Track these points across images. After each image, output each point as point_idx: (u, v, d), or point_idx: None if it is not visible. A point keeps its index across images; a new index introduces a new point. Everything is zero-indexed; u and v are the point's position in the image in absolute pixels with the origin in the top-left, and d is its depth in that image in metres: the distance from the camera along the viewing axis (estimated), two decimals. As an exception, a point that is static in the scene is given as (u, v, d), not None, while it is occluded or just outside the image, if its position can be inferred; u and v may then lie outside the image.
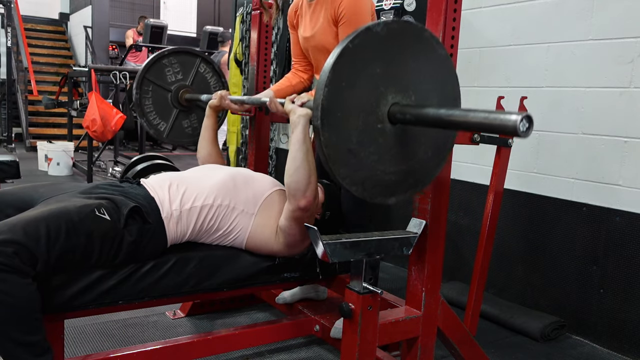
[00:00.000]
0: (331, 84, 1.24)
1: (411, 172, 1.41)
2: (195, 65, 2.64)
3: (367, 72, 1.29)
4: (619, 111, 2.34)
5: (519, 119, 1.07)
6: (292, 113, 1.72)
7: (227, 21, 11.87)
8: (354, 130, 1.29)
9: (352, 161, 1.30)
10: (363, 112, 1.29)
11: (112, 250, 1.57)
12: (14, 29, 8.45)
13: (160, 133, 2.60)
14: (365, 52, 1.28)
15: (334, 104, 1.24)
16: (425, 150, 1.43)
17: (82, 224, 1.50)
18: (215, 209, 1.77)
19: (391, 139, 1.34)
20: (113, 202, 1.62)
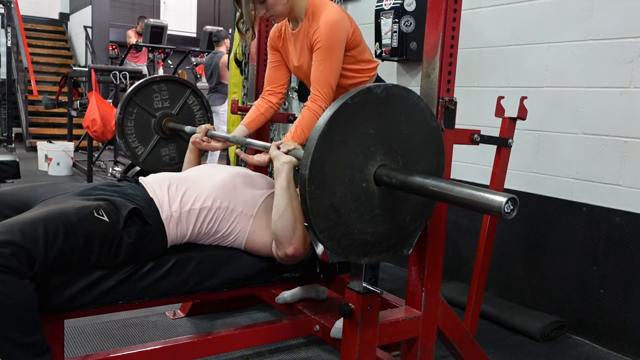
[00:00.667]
0: (325, 137, 1.24)
1: (387, 236, 1.42)
2: (185, 96, 2.63)
3: (361, 131, 1.31)
4: (619, 111, 2.34)
5: (504, 201, 1.07)
6: (276, 160, 1.70)
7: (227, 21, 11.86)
8: (340, 185, 1.29)
9: (333, 216, 1.30)
10: (351, 169, 1.31)
11: (111, 252, 1.56)
12: (14, 29, 8.45)
13: (137, 157, 2.56)
14: (363, 110, 1.30)
15: (324, 157, 1.25)
16: (404, 216, 1.44)
17: (81, 225, 1.50)
18: (214, 211, 1.77)
19: (374, 200, 1.36)
20: (112, 203, 1.61)
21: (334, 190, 1.29)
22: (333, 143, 1.26)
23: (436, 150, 1.47)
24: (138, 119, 2.54)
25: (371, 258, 1.41)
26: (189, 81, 2.74)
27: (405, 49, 3.10)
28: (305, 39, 2.07)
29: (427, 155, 1.46)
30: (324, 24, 1.97)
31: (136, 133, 2.55)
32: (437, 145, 1.47)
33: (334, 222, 1.30)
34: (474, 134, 1.77)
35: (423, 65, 1.66)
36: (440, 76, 1.61)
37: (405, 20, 3.08)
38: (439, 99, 1.62)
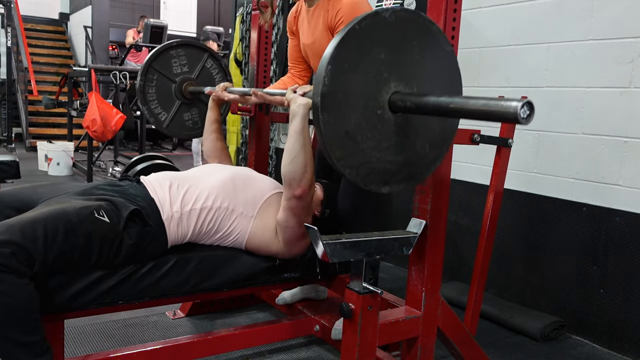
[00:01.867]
0: (334, 63, 1.22)
1: (407, 164, 1.40)
2: (203, 60, 2.64)
3: (371, 56, 1.27)
4: (619, 111, 2.34)
5: (519, 105, 1.05)
6: (292, 102, 1.69)
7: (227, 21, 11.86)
8: (354, 113, 1.27)
9: (349, 144, 1.28)
10: (364, 96, 1.28)
11: (111, 252, 1.56)
12: (14, 29, 8.45)
13: (161, 123, 2.58)
14: (372, 35, 1.26)
15: (335, 84, 1.23)
16: (423, 143, 1.41)
17: (81, 226, 1.50)
18: (214, 211, 1.77)
19: (390, 127, 1.33)
20: (112, 204, 1.61)
21: (348, 118, 1.27)
22: (344, 69, 1.24)
23: (451, 75, 1.43)
24: (159, 86, 2.55)
25: (392, 187, 1.39)
26: (205, 45, 2.73)
27: (405, 49, 3.10)
28: (322, 17, 2.08)
29: (442, 80, 1.41)
30: (347, 4, 1.99)
31: (158, 99, 2.56)
32: (452, 70, 1.43)
33: (350, 151, 1.28)
34: (474, 134, 1.77)
35: (423, 65, 1.66)
36: (440, 76, 1.60)
37: (405, 20, 3.08)
38: (439, 99, 1.62)
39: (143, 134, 6.44)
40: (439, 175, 1.67)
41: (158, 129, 2.61)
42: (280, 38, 4.35)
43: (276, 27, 4.33)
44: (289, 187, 1.70)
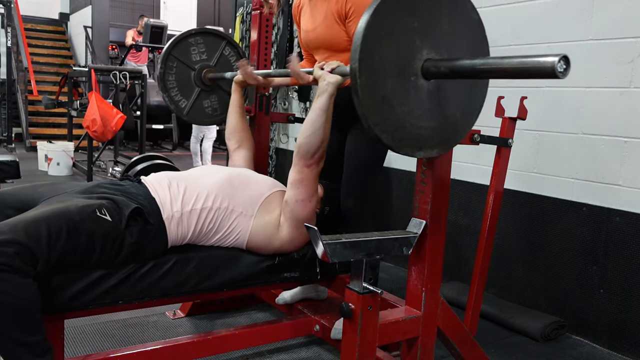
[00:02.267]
0: (370, 29, 1.26)
1: (440, 130, 1.44)
2: (221, 47, 2.66)
3: (404, 24, 1.32)
4: (619, 111, 2.34)
5: (556, 60, 1.08)
6: (321, 79, 1.74)
7: (227, 21, 11.87)
8: (389, 78, 1.31)
9: (385, 109, 1.32)
10: (398, 62, 1.33)
11: (112, 251, 1.57)
12: (14, 29, 8.44)
13: (181, 110, 2.62)
14: (404, 4, 1.31)
15: (371, 50, 1.27)
16: (454, 110, 1.46)
17: (83, 224, 1.50)
18: (214, 212, 1.77)
19: (424, 93, 1.38)
20: (114, 202, 1.62)
21: (384, 83, 1.31)
22: (378, 36, 1.28)
23: (479, 42, 1.47)
24: (178, 73, 2.59)
25: (425, 152, 1.44)
26: (223, 32, 2.77)
27: (405, 48, 3.10)
28: (327, 7, 2.08)
29: (472, 47, 1.46)
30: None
31: (178, 87, 2.60)
32: (479, 37, 1.47)
33: (386, 116, 1.33)
34: (474, 134, 1.77)
35: (423, 65, 1.66)
36: (440, 76, 1.60)
37: (405, 20, 3.08)
38: (439, 99, 1.62)
39: (143, 134, 6.44)
40: (439, 175, 1.67)
41: (178, 116, 2.67)
42: (280, 38, 4.35)
43: (276, 27, 4.34)
44: (302, 158, 1.77)
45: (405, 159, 3.31)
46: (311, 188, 1.81)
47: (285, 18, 4.28)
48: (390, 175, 3.47)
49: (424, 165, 1.68)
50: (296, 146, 1.79)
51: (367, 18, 1.26)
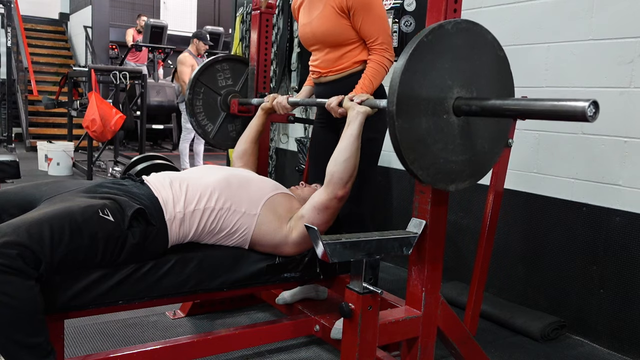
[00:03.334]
0: (407, 73, 1.36)
1: (470, 163, 1.53)
2: (246, 73, 2.74)
3: (437, 66, 1.42)
4: (619, 111, 2.34)
5: (586, 105, 1.16)
6: (350, 109, 1.85)
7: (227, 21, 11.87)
8: (424, 118, 1.41)
9: (420, 147, 1.42)
10: (432, 102, 1.42)
11: (115, 252, 1.57)
12: (14, 29, 8.44)
13: (207, 134, 2.74)
14: (437, 46, 1.41)
15: (408, 93, 1.37)
16: (483, 142, 1.56)
17: (86, 225, 1.50)
18: (217, 212, 1.77)
19: (455, 130, 1.47)
20: (117, 202, 1.61)
21: (419, 123, 1.41)
22: (414, 79, 1.38)
23: (505, 79, 1.58)
24: (205, 99, 2.68)
25: (457, 185, 1.53)
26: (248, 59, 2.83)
27: (405, 49, 3.10)
28: (326, 1, 2.10)
29: (497, 83, 1.56)
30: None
31: (205, 112, 2.70)
32: (506, 74, 1.57)
33: (421, 153, 1.42)
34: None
35: (423, 65, 1.66)
36: (440, 76, 1.61)
37: (405, 20, 3.08)
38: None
39: (143, 134, 6.43)
40: (439, 175, 1.67)
41: (204, 140, 2.81)
42: (280, 38, 4.35)
43: (276, 27, 4.34)
44: (334, 187, 1.79)
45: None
46: (332, 217, 1.85)
47: (285, 18, 4.28)
48: (390, 175, 3.47)
49: (424, 165, 1.68)
50: (328, 173, 1.81)
51: (403, 64, 1.35)
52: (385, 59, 2.07)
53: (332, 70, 2.18)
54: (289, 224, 1.85)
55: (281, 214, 1.86)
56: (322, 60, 2.20)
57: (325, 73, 2.21)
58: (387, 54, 2.08)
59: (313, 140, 2.46)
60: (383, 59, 2.07)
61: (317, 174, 2.31)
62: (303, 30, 2.25)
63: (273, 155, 4.56)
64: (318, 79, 2.26)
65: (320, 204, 1.81)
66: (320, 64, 2.21)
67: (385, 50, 2.08)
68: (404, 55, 1.37)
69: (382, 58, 2.07)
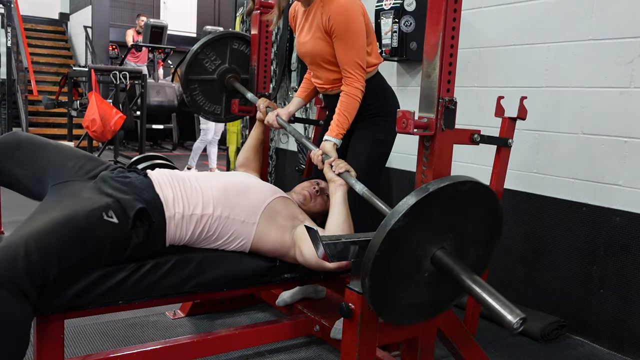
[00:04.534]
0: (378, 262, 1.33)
1: (432, 303, 1.53)
2: (228, 45, 2.71)
3: (432, 220, 1.39)
4: (619, 111, 2.34)
5: (515, 321, 1.25)
6: (331, 182, 1.90)
7: (227, 21, 11.88)
8: (401, 273, 1.40)
9: (395, 305, 1.43)
10: (412, 258, 1.40)
11: (119, 252, 1.58)
12: (14, 29, 8.43)
13: (218, 116, 2.78)
14: (441, 201, 1.38)
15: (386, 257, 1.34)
16: (446, 290, 1.53)
17: (92, 231, 1.51)
18: (215, 220, 1.77)
19: (424, 274, 1.45)
20: (119, 202, 1.62)
21: (395, 281, 1.40)
22: (403, 232, 1.34)
23: (490, 242, 1.59)
24: (203, 89, 2.70)
25: (417, 321, 1.57)
26: (222, 31, 2.82)
27: (405, 49, 3.10)
28: (316, 20, 2.10)
29: (482, 242, 1.56)
30: (336, 9, 2.01)
31: (208, 99, 2.73)
32: (495, 237, 1.58)
33: (386, 299, 1.41)
34: (474, 134, 1.77)
35: (423, 65, 1.66)
36: (440, 76, 1.61)
37: (405, 20, 3.08)
38: (439, 99, 1.62)
39: (143, 134, 6.44)
40: (439, 175, 1.67)
41: (218, 122, 2.91)
42: (280, 38, 4.35)
43: (276, 27, 4.33)
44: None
45: (406, 159, 3.31)
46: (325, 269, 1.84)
47: (285, 18, 4.28)
48: (390, 175, 3.47)
49: (424, 165, 1.68)
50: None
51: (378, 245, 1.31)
52: (357, 90, 2.05)
53: (335, 85, 2.19)
54: (290, 238, 1.83)
55: (281, 223, 1.86)
56: (323, 77, 2.21)
57: (330, 88, 2.22)
58: (359, 84, 2.05)
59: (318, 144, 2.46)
60: (355, 90, 2.05)
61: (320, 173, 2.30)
62: (300, 49, 2.25)
63: (273, 155, 4.56)
64: (325, 91, 2.28)
65: (308, 262, 1.80)
66: (324, 81, 2.23)
67: (357, 80, 2.05)
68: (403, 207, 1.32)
69: (354, 89, 2.05)
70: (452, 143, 1.69)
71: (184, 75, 2.63)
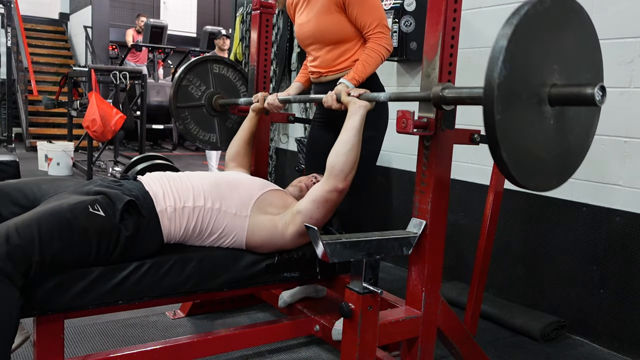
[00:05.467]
0: (505, 62, 1.19)
1: (561, 157, 1.40)
2: (209, 70, 2.73)
3: (534, 51, 1.27)
4: (619, 111, 2.34)
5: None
6: (352, 103, 1.82)
7: (227, 21, 11.87)
8: (521, 111, 1.26)
9: (516, 134, 1.26)
10: (529, 92, 1.27)
11: (109, 247, 1.57)
12: (14, 29, 8.44)
13: (215, 144, 2.77)
14: (534, 29, 1.26)
15: (507, 83, 1.21)
16: (574, 135, 1.42)
17: (76, 221, 1.50)
18: (207, 212, 1.78)
19: (548, 121, 1.32)
20: (107, 196, 1.62)
21: (517, 117, 1.26)
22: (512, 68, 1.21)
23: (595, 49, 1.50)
24: (193, 117, 2.71)
25: (558, 182, 1.42)
26: (201, 55, 2.85)
27: (405, 49, 3.10)
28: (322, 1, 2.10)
29: (588, 54, 1.45)
30: None
31: (201, 127, 2.73)
32: (595, 41, 1.50)
33: (518, 148, 1.27)
34: (474, 134, 1.77)
35: (423, 65, 1.66)
36: (440, 76, 1.61)
37: (405, 20, 3.08)
38: (439, 99, 1.62)
39: (143, 134, 6.43)
40: (439, 175, 1.67)
41: (217, 150, 2.84)
42: (280, 38, 4.35)
43: (276, 27, 4.34)
44: (334, 178, 1.76)
45: (405, 158, 3.31)
46: (330, 212, 1.83)
47: (285, 18, 4.28)
48: (390, 175, 3.47)
49: (424, 165, 1.68)
50: (329, 166, 1.79)
51: (502, 51, 1.18)
52: (381, 46, 2.05)
53: (332, 69, 2.18)
54: (283, 218, 1.84)
55: (273, 213, 1.86)
56: (321, 59, 2.20)
57: (326, 73, 2.21)
58: (384, 41, 2.06)
59: (311, 139, 2.46)
60: (379, 46, 2.05)
61: (316, 171, 2.31)
62: (300, 30, 2.25)
63: (273, 155, 4.56)
64: (318, 79, 2.26)
65: (319, 196, 1.79)
66: (320, 63, 2.21)
67: (381, 37, 2.05)
68: (500, 37, 1.21)
69: (378, 45, 2.05)
70: (452, 143, 1.70)
71: (173, 104, 2.64)
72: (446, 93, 1.53)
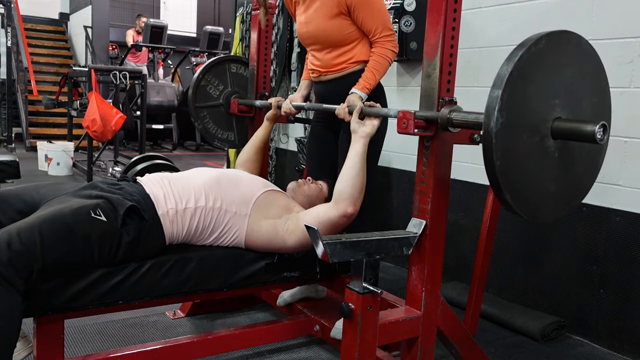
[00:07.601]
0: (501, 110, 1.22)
1: (566, 189, 1.41)
2: (227, 69, 2.76)
3: (532, 92, 1.28)
4: (619, 111, 2.33)
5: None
6: (353, 133, 1.86)
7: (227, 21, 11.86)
8: (523, 150, 1.28)
9: (518, 173, 1.29)
10: (530, 131, 1.29)
11: (111, 251, 1.57)
12: (14, 29, 8.44)
13: (234, 143, 2.83)
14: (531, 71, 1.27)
15: (506, 129, 1.23)
16: (579, 167, 1.42)
17: (78, 227, 1.50)
18: (208, 211, 1.78)
19: (552, 154, 1.34)
20: (109, 201, 1.62)
21: (517, 147, 1.27)
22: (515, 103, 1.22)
23: (598, 82, 1.48)
24: (212, 117, 2.75)
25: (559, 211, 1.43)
26: (221, 56, 2.88)
27: (405, 49, 3.10)
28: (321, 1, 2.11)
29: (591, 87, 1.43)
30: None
31: (219, 127, 2.78)
32: (601, 72, 1.48)
33: (519, 181, 1.29)
34: (474, 134, 1.77)
35: (423, 65, 1.66)
36: (440, 76, 1.61)
37: (405, 20, 3.08)
38: (439, 99, 1.62)
39: (143, 134, 6.43)
40: (439, 175, 1.67)
41: (235, 148, 2.88)
42: (280, 38, 4.35)
43: (276, 27, 4.33)
44: (343, 203, 1.76)
45: (406, 159, 3.31)
46: (334, 233, 1.81)
47: (285, 18, 4.28)
48: (390, 175, 3.47)
49: (424, 165, 1.68)
50: (337, 191, 1.79)
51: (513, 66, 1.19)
52: (388, 50, 2.08)
53: (331, 69, 2.18)
54: (285, 225, 1.83)
55: (274, 215, 1.86)
56: (321, 59, 2.20)
57: (325, 72, 2.21)
58: (390, 44, 2.08)
59: (312, 139, 2.46)
60: (386, 50, 2.07)
61: (317, 170, 2.31)
62: (301, 30, 2.25)
63: (273, 155, 4.56)
64: (318, 77, 2.26)
65: (327, 220, 1.77)
66: (321, 63, 2.21)
67: (388, 41, 2.08)
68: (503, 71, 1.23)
69: (385, 50, 2.07)
70: (452, 143, 1.70)
71: (192, 105, 2.67)
72: (453, 116, 1.58)
